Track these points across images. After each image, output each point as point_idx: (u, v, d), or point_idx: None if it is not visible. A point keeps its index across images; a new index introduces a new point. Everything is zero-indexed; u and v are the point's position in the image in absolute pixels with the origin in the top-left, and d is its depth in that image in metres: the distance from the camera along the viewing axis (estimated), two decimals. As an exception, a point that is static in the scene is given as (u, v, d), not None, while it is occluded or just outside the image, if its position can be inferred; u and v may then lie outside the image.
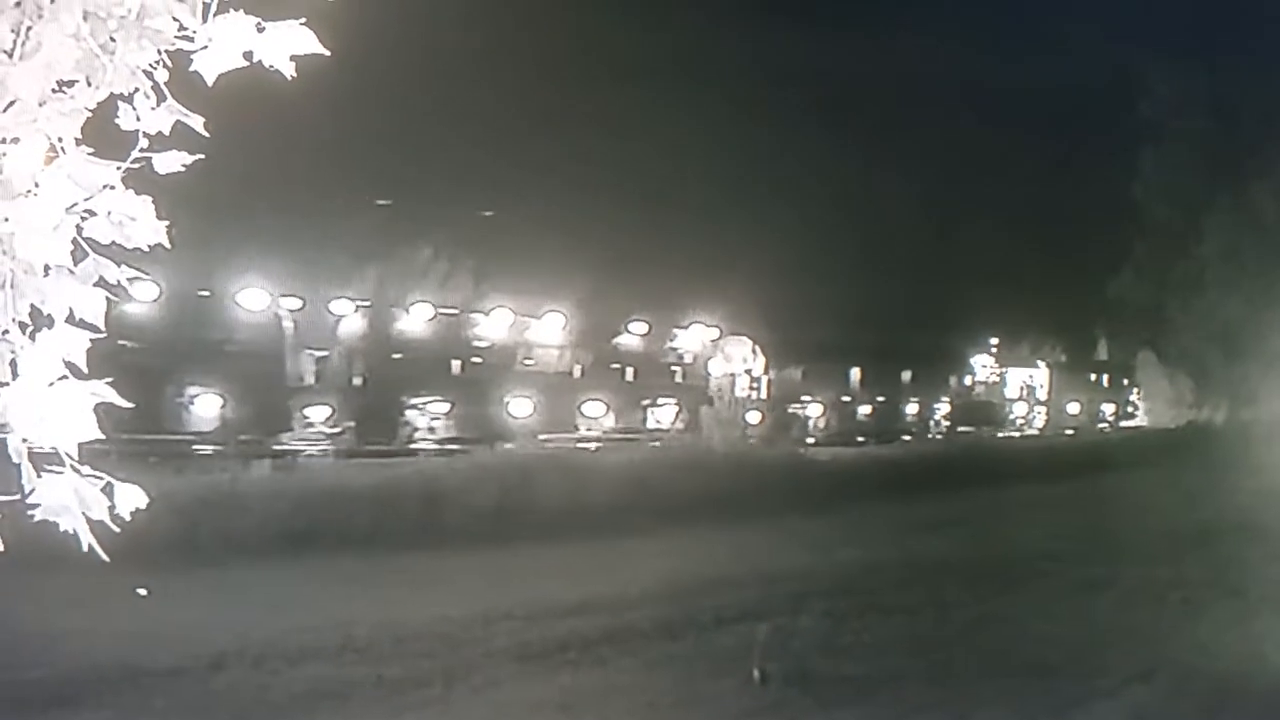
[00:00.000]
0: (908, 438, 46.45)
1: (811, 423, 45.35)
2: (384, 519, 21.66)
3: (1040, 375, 58.24)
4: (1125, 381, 62.52)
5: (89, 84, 2.29)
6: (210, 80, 2.31)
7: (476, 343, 35.33)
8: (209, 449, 27.17)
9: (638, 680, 13.47)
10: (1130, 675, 14.00)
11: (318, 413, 31.17)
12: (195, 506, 19.21)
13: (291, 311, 31.15)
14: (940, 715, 12.54)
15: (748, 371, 43.30)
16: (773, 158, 46.68)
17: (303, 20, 2.31)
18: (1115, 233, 55.64)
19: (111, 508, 2.22)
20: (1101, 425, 59.54)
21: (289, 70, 2.31)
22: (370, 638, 14.46)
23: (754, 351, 43.27)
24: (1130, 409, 62.70)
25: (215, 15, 2.28)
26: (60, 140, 2.25)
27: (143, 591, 11.58)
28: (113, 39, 2.27)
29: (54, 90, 2.27)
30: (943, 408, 52.15)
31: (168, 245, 2.34)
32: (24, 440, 2.16)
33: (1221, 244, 55.27)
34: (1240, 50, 52.58)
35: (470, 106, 37.19)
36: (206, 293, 29.66)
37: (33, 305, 2.24)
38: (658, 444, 35.57)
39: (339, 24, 2.44)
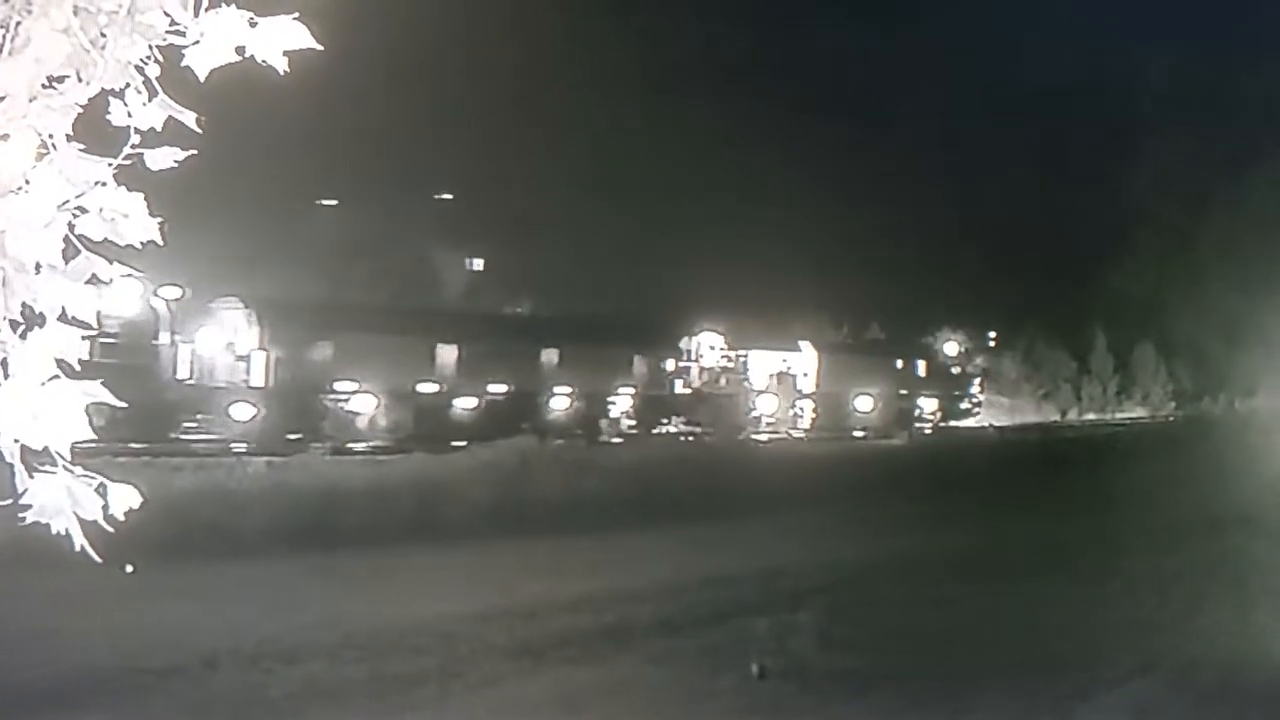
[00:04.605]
0: (562, 441, 32.64)
1: (363, 420, 32.59)
2: None
3: (804, 360, 44.58)
4: (956, 370, 50.15)
5: (80, 79, 2.26)
6: (202, 76, 2.29)
7: None
8: None
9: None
10: None
11: None
12: None
13: None
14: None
15: (230, 346, 31.26)
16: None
17: (295, 15, 2.29)
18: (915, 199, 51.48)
19: (105, 508, 2.20)
20: (921, 426, 46.92)
21: (282, 65, 2.29)
22: None
23: (248, 320, 31.42)
24: (968, 405, 50.08)
25: (207, 10, 2.26)
26: (51, 136, 2.23)
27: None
28: (103, 34, 2.25)
29: (44, 86, 2.25)
30: (623, 401, 38.48)
31: (160, 242, 2.32)
32: (16, 440, 2.14)
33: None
34: (1238, 42, 52.71)
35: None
36: None
37: (24, 303, 2.22)
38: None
39: (333, 19, 2.41)
